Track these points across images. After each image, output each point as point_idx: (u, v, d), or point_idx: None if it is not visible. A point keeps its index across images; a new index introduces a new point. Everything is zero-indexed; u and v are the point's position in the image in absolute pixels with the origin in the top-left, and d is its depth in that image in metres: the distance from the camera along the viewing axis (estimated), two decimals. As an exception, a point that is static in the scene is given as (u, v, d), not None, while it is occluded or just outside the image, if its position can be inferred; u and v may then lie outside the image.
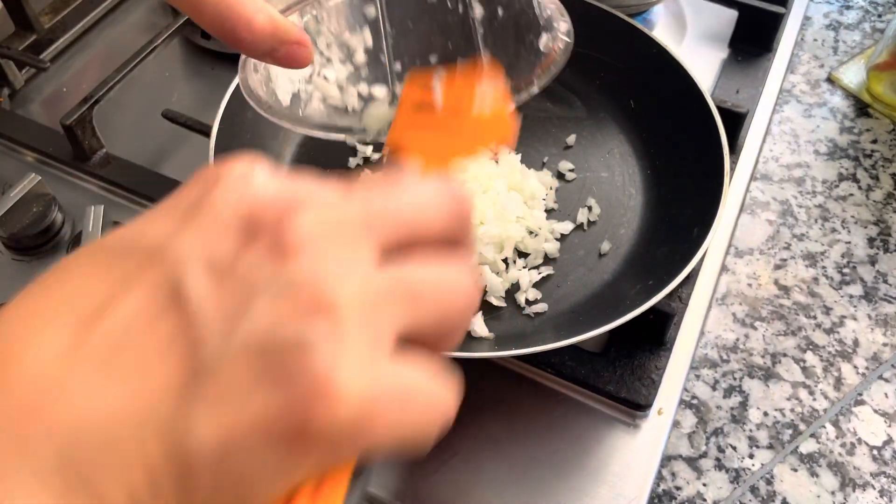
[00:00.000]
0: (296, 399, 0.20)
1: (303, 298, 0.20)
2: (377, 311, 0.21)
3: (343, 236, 0.22)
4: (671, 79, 0.62)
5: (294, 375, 0.20)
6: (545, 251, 0.58)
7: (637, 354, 0.53)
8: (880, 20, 0.85)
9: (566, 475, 0.50)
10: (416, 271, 0.23)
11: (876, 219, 0.66)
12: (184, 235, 0.22)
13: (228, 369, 0.20)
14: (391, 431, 0.21)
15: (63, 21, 0.75)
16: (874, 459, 0.52)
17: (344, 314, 0.20)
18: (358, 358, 0.20)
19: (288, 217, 0.22)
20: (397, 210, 0.23)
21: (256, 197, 0.22)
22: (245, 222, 0.22)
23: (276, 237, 0.21)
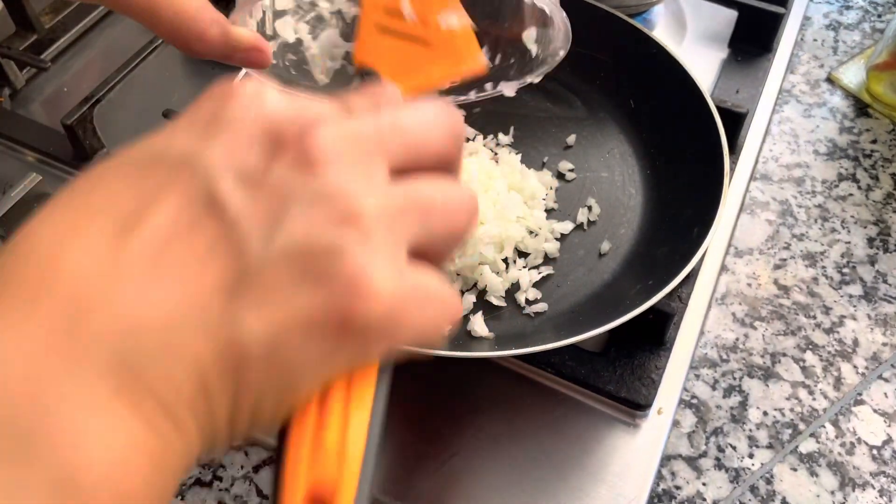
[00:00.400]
0: (337, 296, 0.22)
1: (334, 208, 0.22)
2: (396, 222, 0.23)
3: (360, 151, 0.24)
4: (671, 79, 0.62)
5: (333, 275, 0.22)
6: (545, 251, 0.58)
7: (637, 354, 0.53)
8: (880, 20, 0.85)
9: (566, 475, 0.50)
10: (425, 187, 0.25)
11: (876, 219, 0.66)
12: (212, 147, 0.23)
13: (271, 271, 0.22)
14: (414, 328, 0.24)
15: (64, 21, 0.75)
16: (874, 459, 0.53)
17: (370, 223, 0.22)
18: (385, 261, 0.22)
19: (309, 131, 0.23)
20: (405, 129, 0.25)
21: (275, 112, 0.24)
22: (268, 136, 0.23)
23: (301, 150, 0.23)
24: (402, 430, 0.52)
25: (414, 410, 0.53)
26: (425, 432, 0.52)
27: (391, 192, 0.24)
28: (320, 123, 0.24)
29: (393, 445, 0.51)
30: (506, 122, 0.66)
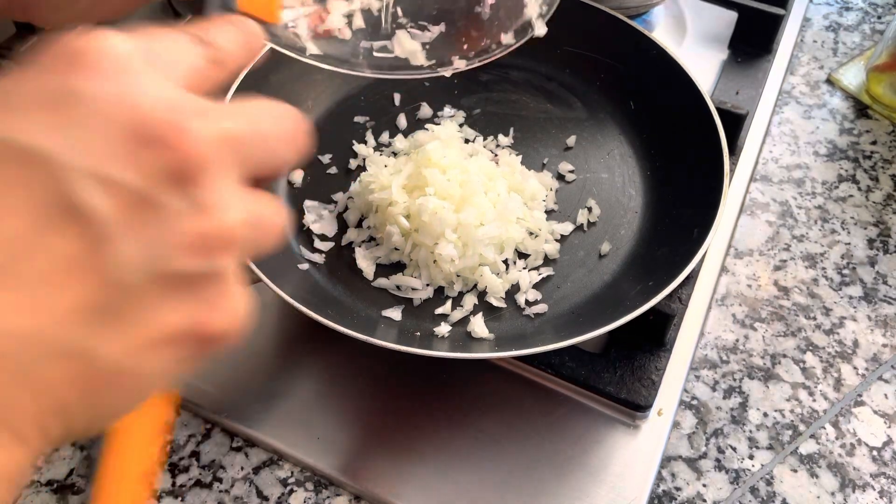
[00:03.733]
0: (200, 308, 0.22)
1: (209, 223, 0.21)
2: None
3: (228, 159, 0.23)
4: (671, 80, 0.62)
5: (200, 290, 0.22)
6: (545, 252, 0.58)
7: (637, 355, 0.53)
8: (880, 21, 0.85)
9: (566, 476, 0.50)
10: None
11: (876, 220, 0.66)
12: (70, 144, 0.20)
13: (141, 290, 0.20)
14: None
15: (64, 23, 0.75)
16: (874, 460, 0.53)
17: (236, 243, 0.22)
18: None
19: (182, 131, 0.21)
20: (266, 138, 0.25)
21: (144, 99, 0.21)
22: (138, 134, 0.21)
23: (173, 153, 0.21)
24: (403, 431, 0.52)
25: (414, 411, 0.53)
26: (425, 433, 0.52)
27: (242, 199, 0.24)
28: (196, 119, 0.22)
29: (393, 446, 0.51)
30: (506, 123, 0.66)
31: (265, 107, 0.26)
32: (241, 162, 0.23)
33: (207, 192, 0.21)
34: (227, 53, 0.26)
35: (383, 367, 0.54)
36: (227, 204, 0.22)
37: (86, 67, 0.21)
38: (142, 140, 0.21)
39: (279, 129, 0.26)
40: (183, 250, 0.21)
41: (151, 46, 0.23)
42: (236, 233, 0.22)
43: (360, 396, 0.53)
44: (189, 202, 0.21)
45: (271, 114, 0.26)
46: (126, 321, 0.21)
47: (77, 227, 0.20)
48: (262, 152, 0.25)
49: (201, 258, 0.21)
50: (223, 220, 0.22)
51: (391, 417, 0.52)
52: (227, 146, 0.23)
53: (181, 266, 0.21)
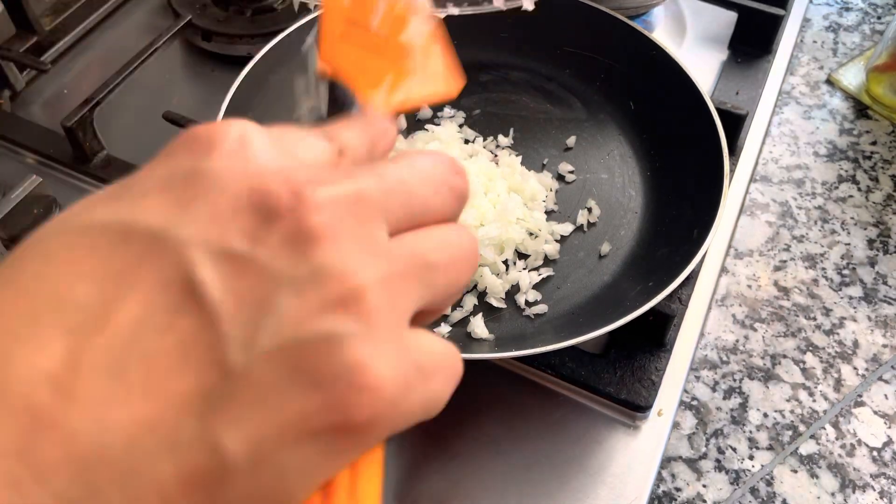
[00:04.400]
0: (335, 394, 0.18)
1: (331, 290, 0.19)
2: (400, 291, 0.21)
3: (359, 214, 0.21)
4: (671, 81, 0.62)
5: (330, 371, 0.18)
6: (545, 253, 0.58)
7: (637, 356, 0.53)
8: (879, 22, 0.85)
9: (566, 476, 0.50)
10: (426, 243, 0.22)
11: (875, 220, 0.66)
12: (189, 218, 0.19)
13: (256, 373, 0.18)
14: (420, 404, 0.21)
15: (64, 23, 0.75)
16: (874, 461, 0.52)
17: (370, 301, 0.19)
18: (387, 343, 0.20)
19: (305, 197, 0.20)
20: (408, 188, 0.22)
21: (264, 170, 0.20)
22: (256, 203, 0.20)
23: (296, 221, 0.19)
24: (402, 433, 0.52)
25: (414, 412, 0.53)
26: (425, 435, 0.52)
27: (393, 257, 0.21)
28: (317, 185, 0.20)
29: (392, 447, 0.51)
30: (506, 123, 0.66)
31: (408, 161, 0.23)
32: (381, 217, 0.21)
33: (328, 256, 0.19)
34: (355, 150, 0.24)
35: (383, 368, 0.54)
36: (351, 264, 0.19)
37: (210, 149, 0.20)
38: (258, 209, 0.19)
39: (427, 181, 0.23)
40: (296, 320, 0.19)
41: (282, 135, 0.22)
42: (365, 291, 0.19)
43: (360, 397, 0.53)
44: (305, 270, 0.19)
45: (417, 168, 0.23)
46: (244, 409, 0.18)
47: (193, 305, 0.18)
48: (408, 204, 0.22)
49: (317, 325, 0.19)
50: (343, 281, 0.19)
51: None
52: (355, 207, 0.20)
53: (292, 337, 0.19)
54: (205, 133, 0.21)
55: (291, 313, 0.19)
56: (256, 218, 0.19)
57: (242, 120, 0.22)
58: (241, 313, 0.19)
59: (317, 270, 0.19)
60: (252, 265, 0.19)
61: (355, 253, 0.20)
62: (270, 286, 0.19)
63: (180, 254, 0.19)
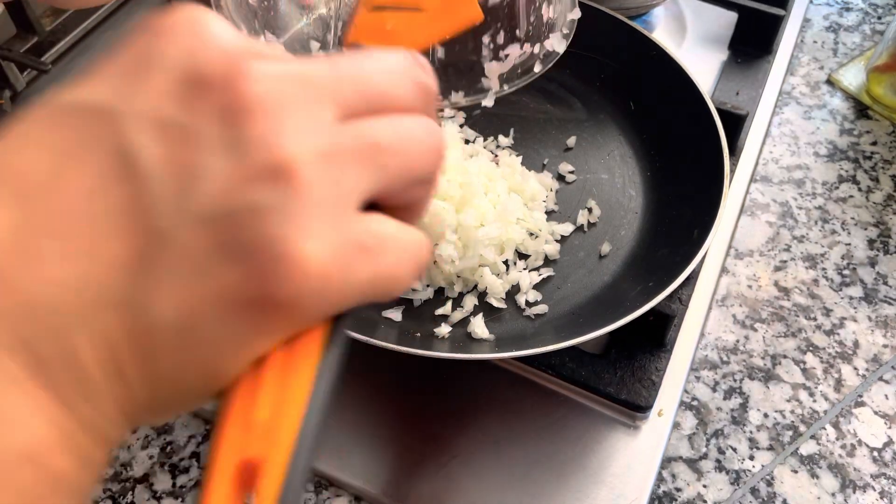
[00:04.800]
0: (255, 270, 0.19)
1: (256, 160, 0.19)
2: (339, 171, 0.20)
3: (302, 93, 0.21)
4: (671, 81, 0.62)
5: (252, 245, 0.19)
6: (545, 253, 0.58)
7: (637, 356, 0.53)
8: (880, 22, 0.85)
9: (566, 477, 0.50)
10: (378, 126, 0.22)
11: (876, 220, 0.66)
12: (130, 94, 0.20)
13: (183, 240, 0.19)
14: (365, 281, 0.21)
15: (64, 23, 0.75)
16: (874, 461, 0.52)
17: (301, 175, 0.19)
18: (319, 219, 0.20)
19: (240, 71, 0.20)
20: (363, 75, 0.22)
21: (207, 48, 0.20)
22: (194, 75, 0.20)
23: (227, 93, 0.20)
24: (402, 432, 0.52)
25: (414, 412, 0.53)
26: (425, 434, 0.52)
27: (336, 136, 0.21)
28: (260, 61, 0.20)
29: (393, 447, 0.51)
30: (506, 124, 0.66)
31: (369, 55, 0.23)
32: (330, 101, 0.21)
33: (260, 127, 0.19)
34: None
35: (383, 368, 0.54)
36: (284, 137, 0.19)
37: (163, 31, 0.21)
38: (195, 81, 0.20)
39: (386, 74, 0.23)
40: (222, 188, 0.19)
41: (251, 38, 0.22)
42: (297, 165, 0.19)
43: (360, 397, 0.53)
44: (235, 139, 0.19)
45: (377, 61, 0.23)
46: (173, 274, 0.19)
47: (127, 173, 0.19)
48: (360, 93, 0.22)
49: (244, 196, 0.19)
50: (273, 153, 0.19)
51: (391, 418, 0.52)
52: (299, 86, 0.20)
53: (219, 207, 0.19)
54: (160, 18, 0.21)
55: (219, 182, 0.19)
56: (193, 89, 0.20)
57: (202, 7, 0.22)
58: (171, 180, 0.19)
59: (247, 140, 0.19)
60: (183, 134, 0.19)
61: (292, 127, 0.20)
62: (199, 155, 0.19)
63: (119, 125, 0.20)
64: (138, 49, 0.21)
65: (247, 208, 0.19)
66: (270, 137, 0.19)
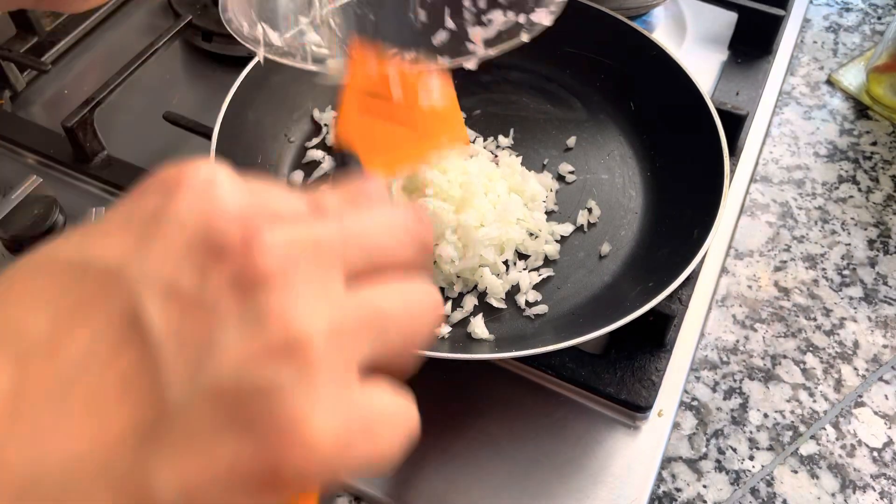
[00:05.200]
0: (268, 446, 0.19)
1: (272, 336, 0.19)
2: (347, 343, 0.20)
3: (313, 261, 0.21)
4: (671, 81, 0.62)
5: (265, 422, 0.19)
6: (545, 253, 0.58)
7: (637, 356, 0.53)
8: (880, 22, 0.85)
9: (566, 477, 0.50)
10: (383, 295, 0.22)
11: (876, 221, 0.66)
12: (141, 257, 0.19)
13: (192, 413, 0.18)
14: (361, 460, 0.21)
15: (64, 24, 0.75)
16: (874, 461, 0.52)
17: (314, 352, 0.19)
18: (329, 397, 0.19)
19: (256, 238, 0.20)
20: (368, 235, 0.23)
21: (221, 212, 0.20)
22: (208, 241, 0.20)
23: (243, 262, 0.19)
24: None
25: (414, 412, 0.52)
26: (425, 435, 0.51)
27: (344, 308, 0.21)
28: (271, 227, 0.20)
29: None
30: (506, 124, 0.66)
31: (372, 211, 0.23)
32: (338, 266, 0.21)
33: (274, 301, 0.19)
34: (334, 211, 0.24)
35: (383, 368, 0.54)
36: (298, 312, 0.19)
37: (176, 190, 0.20)
38: (209, 248, 0.19)
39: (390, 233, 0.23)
40: (235, 364, 0.19)
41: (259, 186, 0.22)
42: (310, 341, 0.19)
43: (361, 397, 0.53)
44: (250, 313, 0.19)
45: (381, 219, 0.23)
46: (180, 450, 0.18)
47: (136, 341, 0.19)
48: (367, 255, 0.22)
49: (257, 372, 0.18)
50: (288, 328, 0.19)
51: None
52: (311, 254, 0.20)
53: (232, 381, 0.18)
54: (173, 174, 0.21)
55: (232, 356, 0.19)
56: (207, 257, 0.19)
57: (215, 163, 0.22)
58: (182, 352, 0.19)
59: (262, 314, 0.19)
60: (198, 304, 0.19)
61: (305, 300, 0.20)
62: (214, 326, 0.19)
63: (130, 290, 0.19)
64: (148, 207, 0.21)
65: (260, 384, 0.19)
66: (285, 312, 0.19)
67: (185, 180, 0.21)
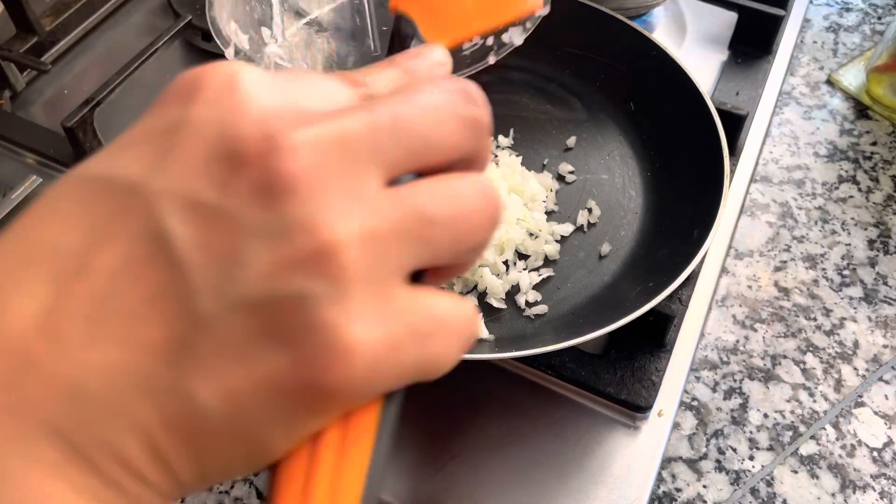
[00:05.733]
0: (304, 357, 0.18)
1: (298, 245, 0.18)
2: (385, 250, 0.19)
3: (343, 159, 0.19)
4: (671, 81, 0.62)
5: (298, 332, 0.18)
6: (545, 253, 0.58)
7: (637, 356, 0.53)
8: (880, 22, 0.85)
9: (566, 477, 0.50)
10: (427, 195, 0.20)
11: (876, 221, 0.66)
12: (161, 170, 0.19)
13: (225, 325, 0.18)
14: (412, 366, 0.20)
15: (64, 23, 0.75)
16: (874, 461, 0.52)
17: (347, 260, 0.18)
18: (367, 304, 0.19)
19: (276, 141, 0.18)
20: (405, 123, 0.20)
21: (241, 115, 0.19)
22: (227, 149, 0.19)
23: (263, 168, 0.18)
24: (402, 433, 0.52)
25: (413, 413, 0.53)
26: (425, 435, 0.52)
27: (380, 210, 0.19)
28: (294, 126, 0.19)
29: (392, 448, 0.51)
30: (506, 124, 0.66)
31: (413, 92, 0.21)
32: (372, 162, 0.19)
33: (300, 207, 0.18)
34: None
35: (383, 368, 0.54)
36: (325, 217, 0.18)
37: (198, 97, 0.20)
38: (229, 157, 0.19)
39: (435, 116, 0.21)
40: (264, 276, 0.18)
41: (291, 81, 0.21)
42: (340, 248, 0.18)
43: (360, 397, 0.53)
44: (275, 222, 0.18)
45: (423, 100, 0.21)
46: (214, 361, 0.18)
47: (163, 257, 0.18)
48: (406, 146, 0.20)
49: (287, 283, 0.18)
50: (315, 236, 0.18)
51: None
52: (339, 152, 0.19)
53: (262, 293, 0.18)
54: (193, 78, 0.20)
55: (260, 267, 0.18)
56: (227, 166, 0.19)
57: (238, 62, 0.21)
58: (209, 265, 0.18)
59: (287, 223, 0.18)
60: (221, 216, 0.18)
61: (333, 204, 0.19)
62: (239, 238, 0.18)
63: (153, 205, 0.19)
64: (168, 117, 0.20)
65: (291, 294, 0.18)
66: (312, 219, 0.18)
67: (204, 84, 0.20)
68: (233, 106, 0.19)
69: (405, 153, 0.20)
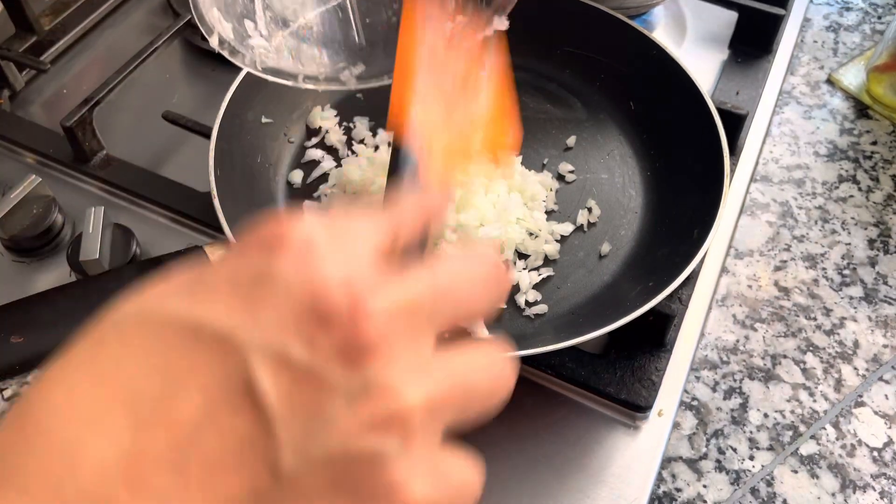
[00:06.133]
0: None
1: (378, 408, 0.20)
2: (438, 414, 0.22)
3: (410, 326, 0.22)
4: (671, 80, 0.62)
5: (372, 489, 0.20)
6: (545, 253, 0.58)
7: (637, 356, 0.53)
8: (880, 22, 0.85)
9: (566, 477, 0.50)
10: (470, 367, 0.23)
11: (876, 220, 0.66)
12: (251, 323, 0.20)
13: (304, 479, 0.20)
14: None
15: (63, 23, 0.75)
16: (874, 461, 0.52)
17: (414, 423, 0.21)
18: (423, 464, 0.21)
19: (360, 309, 0.20)
20: (456, 292, 0.24)
21: (325, 277, 0.21)
22: (317, 310, 0.20)
23: (348, 332, 0.20)
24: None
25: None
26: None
27: (437, 378, 0.22)
28: (374, 293, 0.21)
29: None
30: (506, 123, 0.66)
31: (459, 264, 0.25)
32: (430, 326, 0.23)
33: (380, 371, 0.20)
34: (409, 231, 0.26)
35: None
36: (400, 384, 0.21)
37: (278, 252, 0.21)
38: (317, 318, 0.20)
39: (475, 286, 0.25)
40: (345, 434, 0.20)
41: (341, 229, 0.23)
42: (412, 413, 0.21)
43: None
44: (357, 383, 0.20)
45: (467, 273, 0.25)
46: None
47: (249, 407, 0.19)
48: (454, 310, 0.24)
49: (365, 441, 0.20)
50: (393, 401, 0.20)
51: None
52: (408, 318, 0.22)
53: (340, 450, 0.20)
54: (274, 233, 0.22)
55: (341, 425, 0.20)
56: (316, 325, 0.20)
57: (309, 217, 0.22)
58: (294, 420, 0.20)
59: (369, 385, 0.20)
60: (307, 373, 0.20)
61: (405, 369, 0.21)
62: (324, 395, 0.20)
63: (243, 357, 0.20)
64: (252, 268, 0.21)
65: (367, 453, 0.20)
66: (390, 382, 0.20)
67: (285, 242, 0.21)
68: (316, 265, 0.21)
69: (451, 316, 0.24)
